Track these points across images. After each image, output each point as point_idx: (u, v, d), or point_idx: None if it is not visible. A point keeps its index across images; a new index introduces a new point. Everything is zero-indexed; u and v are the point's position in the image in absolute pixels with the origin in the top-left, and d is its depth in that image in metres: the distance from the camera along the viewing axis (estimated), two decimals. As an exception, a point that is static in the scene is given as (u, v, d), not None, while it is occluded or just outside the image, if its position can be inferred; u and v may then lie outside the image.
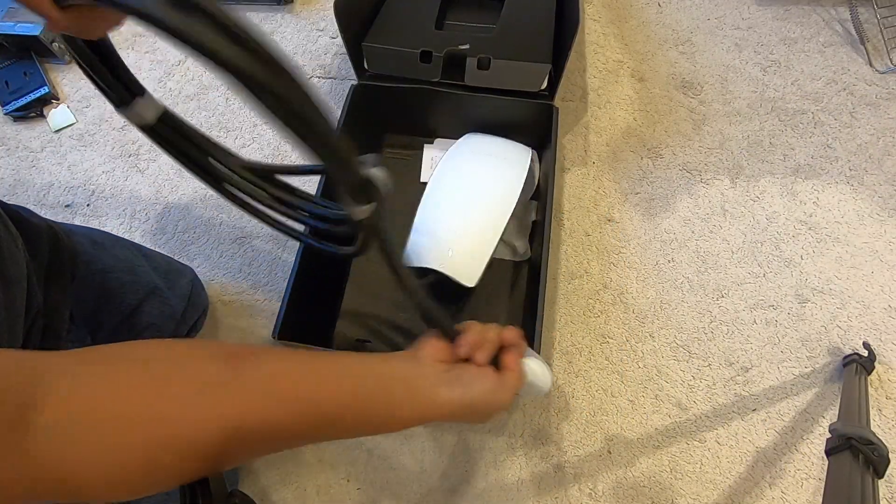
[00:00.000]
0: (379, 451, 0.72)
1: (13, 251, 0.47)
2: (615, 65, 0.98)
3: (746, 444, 0.70)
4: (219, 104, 1.00)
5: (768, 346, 0.75)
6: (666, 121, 0.92)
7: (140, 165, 0.96)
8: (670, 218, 0.84)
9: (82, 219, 0.92)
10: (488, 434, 0.72)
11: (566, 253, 0.83)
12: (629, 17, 1.03)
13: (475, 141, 0.84)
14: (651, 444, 0.71)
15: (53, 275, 0.55)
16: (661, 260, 0.81)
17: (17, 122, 1.01)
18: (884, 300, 0.76)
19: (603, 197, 0.86)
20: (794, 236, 0.81)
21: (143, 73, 1.05)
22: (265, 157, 0.94)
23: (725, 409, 0.72)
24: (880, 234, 0.81)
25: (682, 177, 0.87)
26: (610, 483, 0.69)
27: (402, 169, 0.89)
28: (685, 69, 0.96)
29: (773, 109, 0.91)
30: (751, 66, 0.96)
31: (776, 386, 0.73)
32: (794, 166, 0.86)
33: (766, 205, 0.84)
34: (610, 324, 0.77)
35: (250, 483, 0.72)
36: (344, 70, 1.01)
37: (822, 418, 0.70)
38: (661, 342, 0.76)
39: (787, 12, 1.01)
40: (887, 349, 0.73)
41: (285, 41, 1.06)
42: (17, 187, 0.96)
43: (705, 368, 0.74)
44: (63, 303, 0.55)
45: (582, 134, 0.92)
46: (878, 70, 0.93)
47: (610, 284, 0.80)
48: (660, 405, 0.72)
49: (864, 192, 0.84)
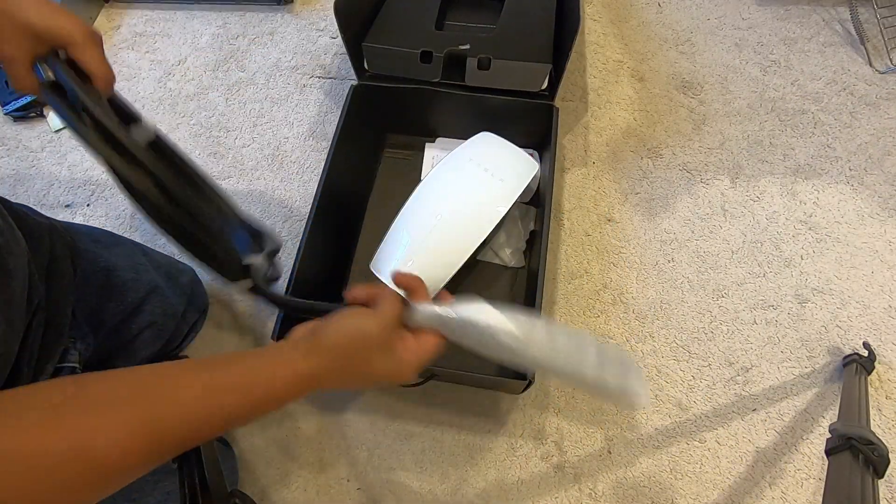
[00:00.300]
0: (379, 451, 0.72)
1: (13, 246, 0.48)
2: (615, 65, 0.98)
3: (746, 444, 0.70)
4: (219, 104, 1.00)
5: (768, 346, 0.75)
6: (666, 121, 0.92)
7: (140, 165, 0.96)
8: (670, 218, 0.84)
9: (82, 218, 0.92)
10: (488, 434, 0.72)
11: (566, 253, 0.83)
12: (629, 17, 1.03)
13: (481, 147, 0.80)
14: (651, 444, 0.71)
15: (55, 272, 0.55)
16: (661, 260, 0.81)
17: (17, 122, 1.01)
18: (884, 300, 0.76)
19: (603, 197, 0.86)
20: (794, 236, 0.81)
21: (143, 73, 1.05)
22: (265, 157, 0.94)
23: (725, 409, 0.72)
24: (880, 234, 0.81)
25: (682, 177, 0.87)
26: (610, 483, 0.69)
27: (402, 169, 0.89)
28: (685, 69, 0.96)
29: (773, 109, 0.91)
30: (751, 66, 0.96)
31: (776, 386, 0.73)
32: (794, 166, 0.86)
33: (766, 205, 0.84)
34: (610, 324, 0.77)
35: (250, 483, 0.72)
36: (344, 70, 1.01)
37: (822, 418, 0.70)
38: (661, 342, 0.76)
39: (787, 12, 1.01)
40: (887, 349, 0.73)
41: (285, 41, 1.06)
42: (18, 187, 0.96)
43: (705, 368, 0.74)
44: (65, 300, 0.55)
45: (582, 134, 0.92)
46: (878, 70, 0.93)
47: (610, 284, 0.80)
48: (660, 405, 0.72)
49: (864, 192, 0.84)
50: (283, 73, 1.03)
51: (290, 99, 1.00)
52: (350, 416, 0.74)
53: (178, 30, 1.10)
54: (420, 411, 0.74)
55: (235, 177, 0.93)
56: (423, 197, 0.77)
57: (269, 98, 1.00)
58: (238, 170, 0.94)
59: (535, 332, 0.43)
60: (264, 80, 1.02)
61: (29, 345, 0.49)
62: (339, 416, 0.74)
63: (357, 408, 0.75)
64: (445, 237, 0.72)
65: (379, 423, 0.74)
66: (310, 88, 1.01)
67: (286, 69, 1.03)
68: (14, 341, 0.46)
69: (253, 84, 1.02)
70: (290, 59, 1.04)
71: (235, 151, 0.96)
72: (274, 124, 0.98)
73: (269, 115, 0.99)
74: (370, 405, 0.75)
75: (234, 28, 1.09)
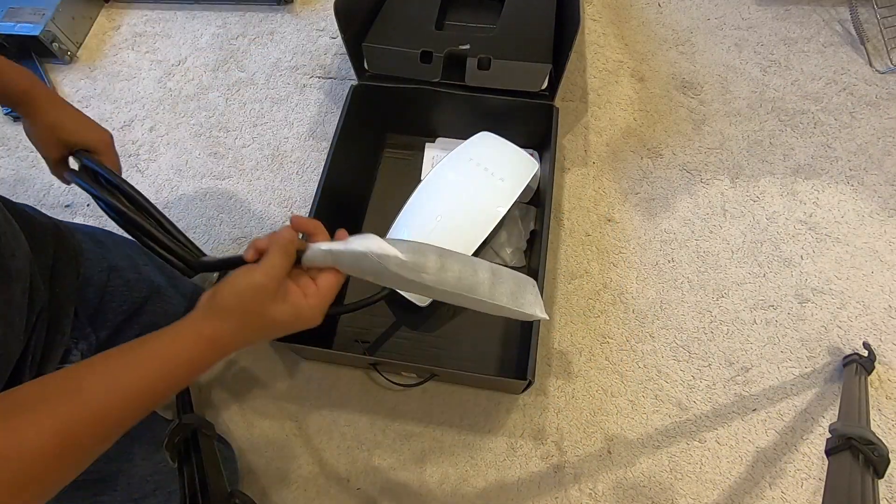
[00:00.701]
0: (379, 451, 0.72)
1: (15, 249, 0.48)
2: (615, 65, 0.98)
3: (746, 444, 0.70)
4: (219, 104, 1.00)
5: (768, 346, 0.75)
6: (666, 121, 0.92)
7: (140, 165, 0.96)
8: (670, 218, 0.84)
9: (82, 218, 0.92)
10: (488, 434, 0.72)
11: (566, 253, 0.83)
12: (629, 17, 1.03)
13: (481, 147, 0.80)
14: (651, 444, 0.71)
15: (58, 272, 0.55)
16: (661, 260, 0.81)
17: (18, 122, 1.01)
18: (884, 300, 0.76)
19: (603, 197, 0.86)
20: (794, 236, 0.81)
21: (143, 74, 1.05)
22: (265, 157, 0.94)
23: (725, 409, 0.72)
24: (880, 234, 0.81)
25: (682, 177, 0.87)
26: (610, 483, 0.69)
27: (402, 168, 0.89)
28: (685, 69, 0.96)
29: (773, 109, 0.91)
30: (751, 66, 0.96)
31: (776, 386, 0.73)
32: (794, 166, 0.86)
33: (766, 205, 0.84)
34: (610, 324, 0.77)
35: (250, 483, 0.72)
36: (344, 70, 1.01)
37: (822, 418, 0.70)
38: (661, 342, 0.76)
39: (787, 12, 1.01)
40: (887, 349, 0.73)
41: (285, 41, 1.06)
42: (18, 187, 0.96)
43: (705, 368, 0.74)
44: (67, 300, 0.55)
45: (582, 134, 0.92)
46: (878, 70, 0.93)
47: (610, 284, 0.80)
48: (660, 405, 0.73)
49: (864, 192, 0.84)
50: (283, 73, 1.03)
51: (289, 99, 1.00)
52: (350, 416, 0.74)
53: (178, 30, 1.10)
54: (420, 411, 0.74)
55: (235, 177, 0.93)
56: (423, 197, 0.77)
57: (269, 98, 1.00)
58: (238, 170, 0.94)
59: (427, 258, 0.45)
60: (264, 80, 1.02)
61: (31, 345, 0.49)
62: (339, 416, 0.75)
63: (357, 408, 0.75)
64: (446, 237, 0.72)
65: (379, 423, 0.74)
66: (310, 88, 1.01)
67: (286, 69, 1.03)
68: (14, 342, 0.46)
69: (253, 84, 1.02)
70: (290, 59, 1.04)
71: (235, 151, 0.96)
72: (274, 124, 0.98)
73: (269, 115, 0.99)
74: (370, 405, 0.75)
75: (234, 28, 1.09)
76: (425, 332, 0.78)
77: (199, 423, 0.61)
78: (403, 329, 0.78)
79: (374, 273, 0.45)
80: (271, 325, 0.42)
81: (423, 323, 0.78)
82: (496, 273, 0.47)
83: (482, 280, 0.46)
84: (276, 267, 0.41)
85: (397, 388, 0.75)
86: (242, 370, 0.78)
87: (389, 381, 0.74)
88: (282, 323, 0.42)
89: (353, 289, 0.82)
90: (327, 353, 0.75)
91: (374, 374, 0.75)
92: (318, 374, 0.77)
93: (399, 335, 0.78)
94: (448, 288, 0.45)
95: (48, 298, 0.52)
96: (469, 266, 0.46)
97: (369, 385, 0.76)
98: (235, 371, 0.78)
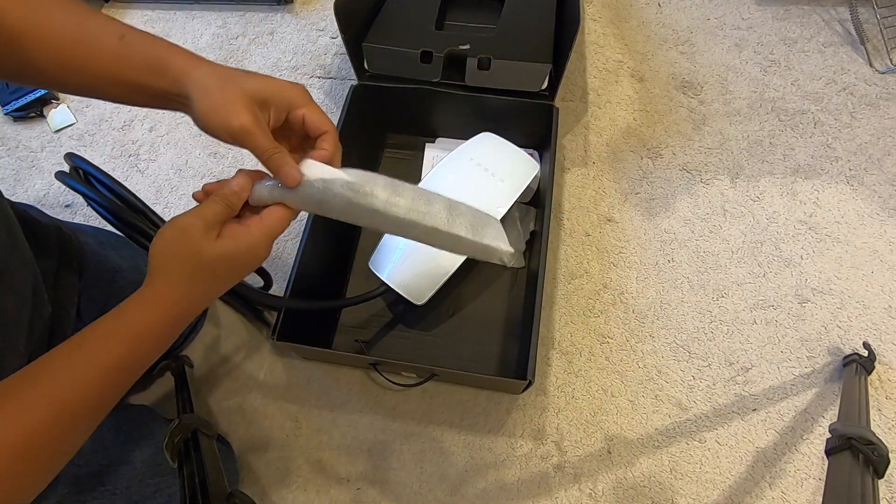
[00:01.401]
0: (379, 451, 0.72)
1: (11, 262, 0.47)
2: (615, 65, 0.98)
3: (746, 444, 0.70)
4: (219, 104, 1.00)
5: (768, 346, 0.75)
6: (666, 121, 0.92)
7: (140, 165, 0.96)
8: (670, 218, 0.84)
9: (82, 218, 0.92)
10: (488, 434, 0.72)
11: (566, 253, 0.83)
12: (629, 17, 1.03)
13: (481, 147, 0.79)
14: (651, 444, 0.71)
15: (62, 273, 0.55)
16: (661, 260, 0.81)
17: (17, 122, 1.01)
18: (884, 300, 0.76)
19: (603, 197, 0.86)
20: (794, 236, 0.81)
21: (143, 73, 1.04)
22: (265, 157, 0.94)
23: (725, 409, 0.72)
24: (880, 234, 0.81)
25: (682, 177, 0.87)
26: (610, 483, 0.69)
27: (402, 168, 0.89)
28: (685, 69, 0.96)
29: (773, 109, 0.91)
30: (751, 66, 0.96)
31: (776, 386, 0.73)
32: (794, 166, 0.86)
33: (766, 205, 0.84)
34: (610, 324, 0.77)
35: (250, 483, 0.72)
36: (344, 70, 1.01)
37: (822, 418, 0.70)
38: (661, 342, 0.76)
39: (787, 12, 1.01)
40: (887, 349, 0.73)
41: (285, 41, 1.06)
42: (18, 187, 0.96)
43: (705, 368, 0.74)
44: (70, 301, 0.55)
45: (582, 134, 0.92)
46: (878, 70, 0.93)
47: (610, 284, 0.80)
48: (660, 405, 0.73)
49: (864, 192, 0.84)
50: (283, 73, 1.03)
51: (290, 99, 1.00)
52: (350, 416, 0.75)
53: (178, 30, 1.10)
54: (420, 411, 0.74)
55: (235, 177, 0.93)
56: None
57: (269, 98, 1.00)
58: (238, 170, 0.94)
59: (375, 181, 0.44)
60: (264, 80, 1.02)
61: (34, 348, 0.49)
62: (339, 416, 0.75)
63: (357, 408, 0.75)
64: None
65: (379, 423, 0.74)
66: (310, 88, 1.00)
67: (286, 69, 1.03)
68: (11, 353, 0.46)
69: (253, 84, 1.02)
70: (290, 59, 1.04)
71: (235, 151, 0.96)
72: (274, 124, 0.97)
73: (269, 115, 0.98)
74: (370, 405, 0.75)
75: (234, 28, 1.09)
76: (425, 331, 0.78)
77: (199, 423, 0.61)
78: (403, 329, 0.78)
79: (320, 203, 0.43)
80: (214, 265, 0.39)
81: (422, 321, 0.78)
82: (453, 206, 0.46)
83: (437, 211, 0.45)
84: (208, 211, 0.40)
85: (397, 388, 0.75)
86: (242, 370, 0.78)
87: (389, 380, 0.74)
88: (224, 259, 0.40)
89: (353, 287, 0.82)
90: (327, 352, 0.75)
91: (374, 374, 0.75)
92: (318, 373, 0.77)
93: (399, 335, 0.78)
94: (401, 213, 0.44)
95: (51, 299, 0.51)
96: (423, 196, 0.45)
97: (369, 385, 0.76)
98: (235, 371, 0.78)
